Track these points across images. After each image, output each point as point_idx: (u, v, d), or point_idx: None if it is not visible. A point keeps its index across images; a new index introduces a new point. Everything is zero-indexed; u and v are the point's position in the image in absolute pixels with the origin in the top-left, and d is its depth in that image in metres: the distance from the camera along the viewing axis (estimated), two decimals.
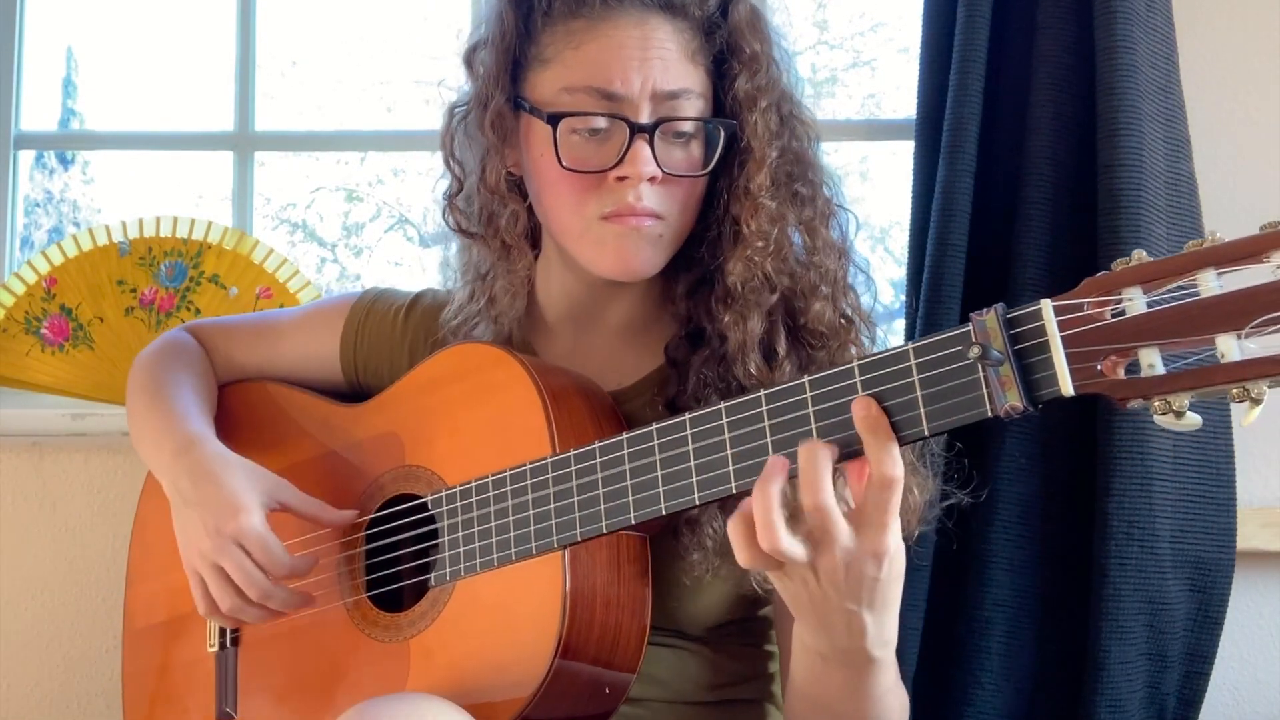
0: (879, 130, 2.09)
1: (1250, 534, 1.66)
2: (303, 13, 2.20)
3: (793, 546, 0.92)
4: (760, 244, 1.18)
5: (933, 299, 1.61)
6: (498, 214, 1.25)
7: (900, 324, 1.76)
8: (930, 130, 1.69)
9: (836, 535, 0.91)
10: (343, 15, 2.26)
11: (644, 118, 1.16)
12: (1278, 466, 1.74)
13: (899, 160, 1.81)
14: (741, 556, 0.95)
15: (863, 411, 0.91)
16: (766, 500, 0.92)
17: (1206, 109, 1.72)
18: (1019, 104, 1.65)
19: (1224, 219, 1.66)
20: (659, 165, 1.16)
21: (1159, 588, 1.55)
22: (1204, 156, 1.65)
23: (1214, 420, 1.59)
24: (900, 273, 1.80)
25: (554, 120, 1.17)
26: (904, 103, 1.80)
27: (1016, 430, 1.60)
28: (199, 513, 1.24)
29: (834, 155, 1.28)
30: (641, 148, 1.15)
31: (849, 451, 0.93)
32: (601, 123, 1.16)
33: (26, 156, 2.10)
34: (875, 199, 2.11)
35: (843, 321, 1.22)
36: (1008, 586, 1.60)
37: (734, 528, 0.94)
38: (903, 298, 1.74)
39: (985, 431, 1.59)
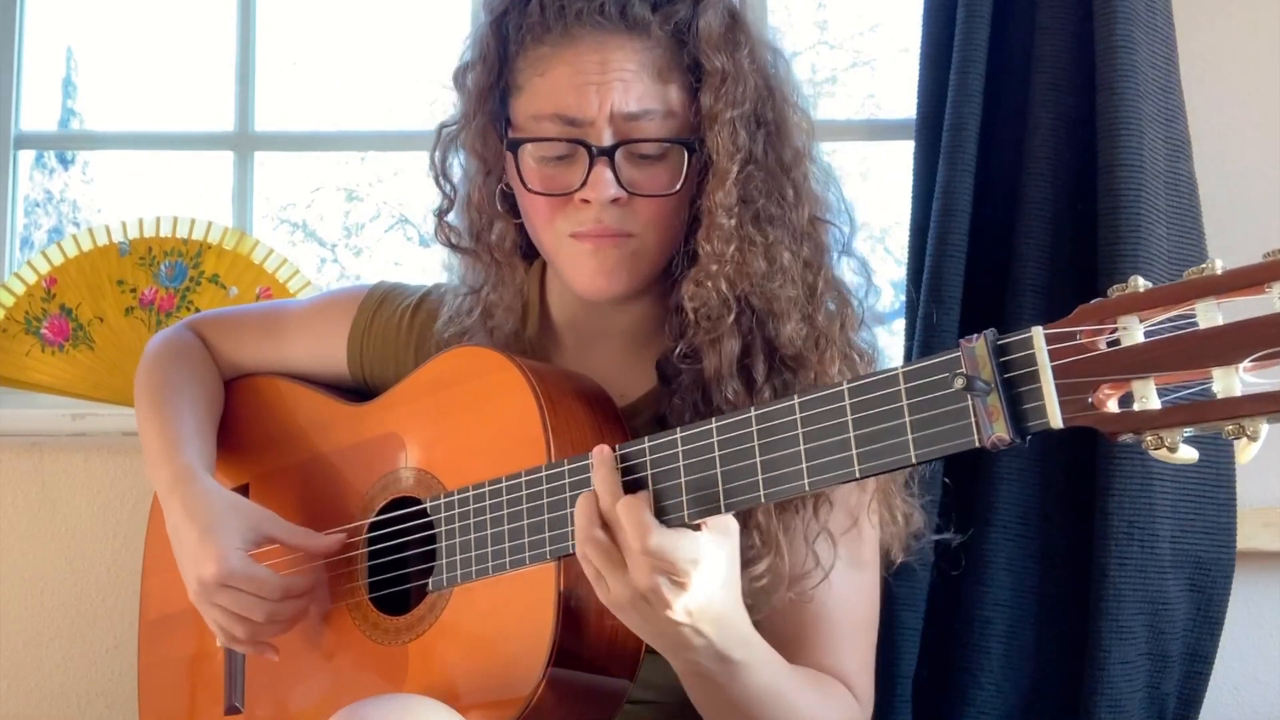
0: (879, 130, 2.09)
1: (1250, 534, 1.66)
2: (303, 13, 2.20)
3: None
4: (714, 266, 1.16)
5: (933, 299, 1.61)
6: (486, 231, 1.27)
7: (900, 324, 1.76)
8: (930, 130, 1.69)
9: (670, 599, 0.97)
10: (343, 15, 2.26)
11: (605, 140, 1.16)
12: (1278, 466, 1.74)
13: (899, 160, 1.81)
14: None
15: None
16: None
17: (1206, 109, 1.71)
18: (1019, 104, 1.65)
19: (1224, 220, 1.66)
20: (623, 186, 1.16)
21: (1159, 588, 1.55)
22: (1204, 156, 1.65)
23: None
24: (900, 273, 1.80)
25: (513, 146, 1.19)
26: (904, 103, 1.79)
27: None
28: (182, 557, 1.26)
29: (834, 155, 1.27)
30: (602, 171, 1.15)
31: (835, 477, 0.93)
32: (563, 149, 1.17)
33: (26, 156, 2.10)
34: (875, 199, 2.10)
35: (818, 343, 1.19)
36: (1008, 586, 1.60)
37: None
38: (903, 298, 1.74)
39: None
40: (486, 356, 1.21)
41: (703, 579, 0.98)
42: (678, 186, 1.18)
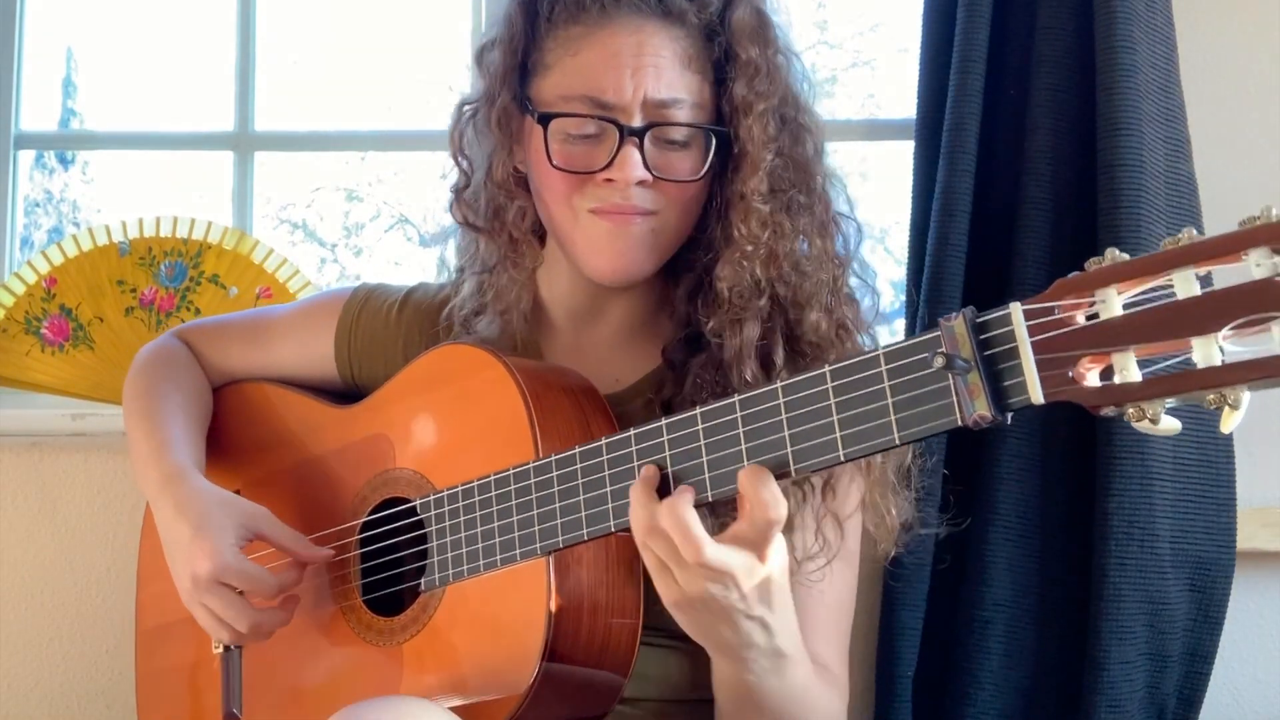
0: (879, 130, 2.08)
1: (1250, 534, 1.66)
2: (303, 13, 2.20)
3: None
4: (750, 248, 1.18)
5: (933, 299, 1.61)
6: (505, 208, 1.26)
7: (900, 324, 1.76)
8: (930, 130, 1.69)
9: (733, 570, 0.95)
10: (342, 15, 2.26)
11: (636, 122, 1.17)
12: (1278, 466, 1.73)
13: (899, 160, 1.81)
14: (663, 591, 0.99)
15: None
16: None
17: (1206, 109, 1.71)
18: (1019, 104, 1.65)
19: (1224, 219, 1.65)
20: (649, 169, 1.17)
21: (1159, 588, 1.55)
22: (1204, 156, 1.65)
23: (1213, 419, 1.58)
24: (900, 273, 1.80)
25: (545, 121, 1.19)
26: (904, 103, 1.79)
27: (1016, 429, 1.60)
28: (175, 555, 1.25)
29: (834, 155, 1.28)
30: (630, 152, 1.16)
31: (821, 461, 0.93)
32: (592, 127, 1.18)
33: (26, 156, 2.10)
34: (875, 199, 2.10)
35: (839, 333, 1.22)
36: (1008, 586, 1.60)
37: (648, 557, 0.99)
38: (903, 298, 1.74)
39: (985, 430, 1.59)
40: (472, 354, 1.21)
41: (769, 574, 0.98)
42: (702, 173, 1.20)
